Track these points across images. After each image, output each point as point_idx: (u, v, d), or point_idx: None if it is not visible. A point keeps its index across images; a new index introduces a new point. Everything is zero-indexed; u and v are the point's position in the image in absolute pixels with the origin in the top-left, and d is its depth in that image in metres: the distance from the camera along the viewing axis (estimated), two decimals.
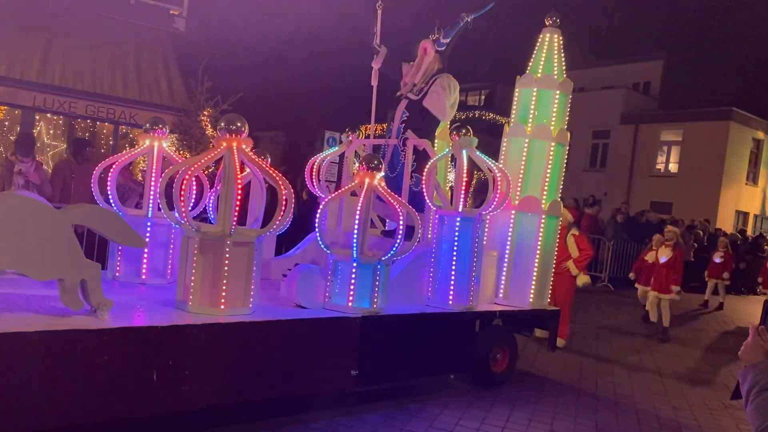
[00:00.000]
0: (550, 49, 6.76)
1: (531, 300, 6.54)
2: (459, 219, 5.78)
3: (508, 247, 6.56)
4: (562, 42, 6.81)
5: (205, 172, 5.80)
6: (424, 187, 5.92)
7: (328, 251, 5.16)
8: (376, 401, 5.45)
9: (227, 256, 4.47)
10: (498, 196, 5.86)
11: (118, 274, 5.38)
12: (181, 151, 12.46)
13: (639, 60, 29.47)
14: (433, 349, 5.67)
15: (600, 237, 16.01)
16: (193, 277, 4.48)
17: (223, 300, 4.46)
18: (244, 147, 4.63)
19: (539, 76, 6.69)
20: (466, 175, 5.91)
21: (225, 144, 4.58)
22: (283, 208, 4.56)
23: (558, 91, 6.66)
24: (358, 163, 5.71)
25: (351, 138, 6.89)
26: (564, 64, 6.81)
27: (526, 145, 6.61)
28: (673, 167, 26.82)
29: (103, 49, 13.82)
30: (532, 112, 6.67)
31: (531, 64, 6.83)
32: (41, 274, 3.92)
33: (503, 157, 6.82)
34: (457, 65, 6.67)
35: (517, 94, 6.87)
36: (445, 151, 6.27)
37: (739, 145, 25.95)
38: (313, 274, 5.10)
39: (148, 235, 5.35)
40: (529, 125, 6.66)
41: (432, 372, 6.00)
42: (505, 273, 6.56)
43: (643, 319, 10.95)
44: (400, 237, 5.12)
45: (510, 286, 6.55)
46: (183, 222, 4.51)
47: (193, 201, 5.42)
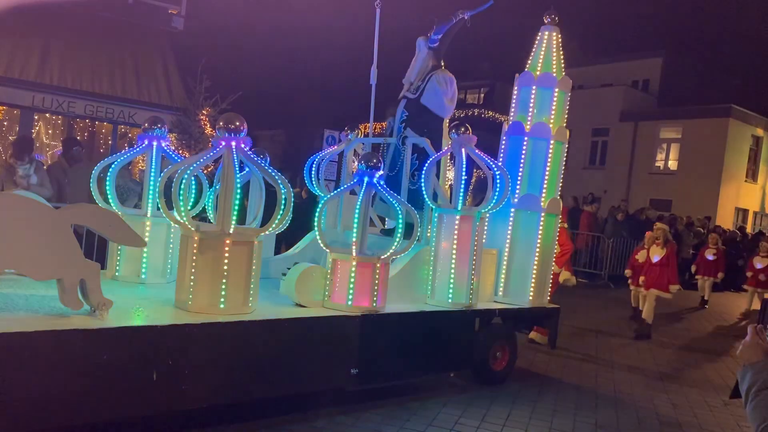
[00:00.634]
0: (548, 46, 6.76)
1: (530, 298, 6.54)
2: (458, 217, 5.79)
3: (508, 245, 6.57)
4: (560, 40, 6.81)
5: (205, 172, 5.80)
6: (423, 185, 5.93)
7: (327, 250, 5.16)
8: (376, 400, 5.44)
9: (227, 255, 4.47)
10: (497, 194, 5.86)
11: (117, 274, 5.38)
12: (180, 151, 12.46)
13: (638, 57, 29.47)
14: (433, 347, 5.67)
15: (599, 234, 16.02)
16: (192, 277, 4.48)
17: (222, 299, 4.47)
18: (243, 146, 4.63)
19: (538, 74, 6.68)
20: (465, 174, 5.91)
21: (224, 143, 4.58)
22: (283, 207, 4.56)
23: (557, 89, 6.66)
24: (356, 162, 5.71)
25: (350, 136, 6.88)
26: (563, 61, 6.81)
27: (526, 143, 6.61)
28: (672, 164, 26.81)
29: (101, 48, 13.81)
30: (531, 109, 6.67)
31: (530, 62, 6.83)
32: (40, 274, 3.92)
33: (502, 155, 6.82)
34: (456, 63, 6.66)
35: (516, 92, 6.87)
36: (445, 149, 6.27)
37: (739, 142, 25.94)
38: (313, 272, 5.09)
39: (147, 234, 5.34)
40: (528, 123, 6.66)
41: (432, 370, 6.00)
42: (504, 271, 6.56)
43: (631, 318, 10.84)
44: (399, 235, 5.12)
45: (509, 284, 6.55)
46: (182, 221, 4.51)
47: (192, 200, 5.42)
